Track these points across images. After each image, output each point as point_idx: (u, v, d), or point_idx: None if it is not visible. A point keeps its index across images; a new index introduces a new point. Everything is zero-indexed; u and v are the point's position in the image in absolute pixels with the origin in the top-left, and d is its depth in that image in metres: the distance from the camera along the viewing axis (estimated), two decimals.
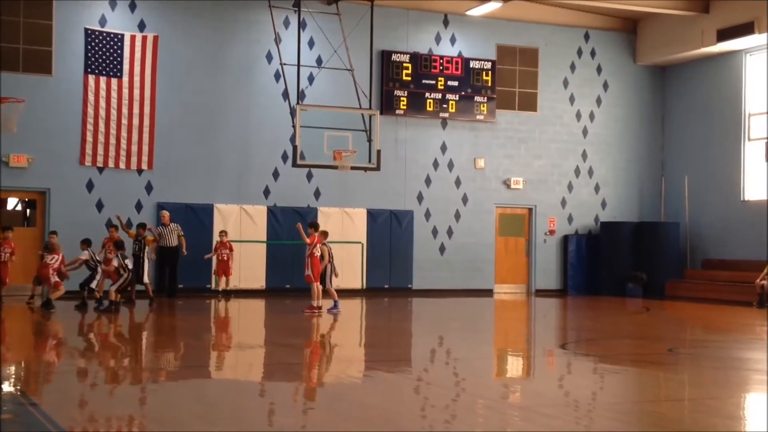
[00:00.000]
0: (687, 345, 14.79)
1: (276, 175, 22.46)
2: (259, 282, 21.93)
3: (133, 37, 21.15)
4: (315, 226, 17.80)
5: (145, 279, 18.94)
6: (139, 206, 21.28)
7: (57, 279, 17.50)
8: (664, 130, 26.40)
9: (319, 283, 17.50)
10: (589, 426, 7.95)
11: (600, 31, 25.74)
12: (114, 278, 17.56)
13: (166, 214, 20.46)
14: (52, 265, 17.52)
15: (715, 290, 22.77)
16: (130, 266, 17.83)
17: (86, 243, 18.22)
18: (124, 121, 21.06)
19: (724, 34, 23.16)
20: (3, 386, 9.62)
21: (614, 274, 24.70)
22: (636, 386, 10.52)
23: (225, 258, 20.61)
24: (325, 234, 17.94)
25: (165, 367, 11.53)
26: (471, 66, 24.00)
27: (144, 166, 21.31)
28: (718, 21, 23.35)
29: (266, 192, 22.41)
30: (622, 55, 25.98)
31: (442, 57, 23.76)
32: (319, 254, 17.45)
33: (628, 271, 24.59)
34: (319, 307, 17.44)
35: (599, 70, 25.79)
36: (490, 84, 24.14)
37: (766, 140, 22.81)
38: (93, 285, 17.82)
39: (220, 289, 20.63)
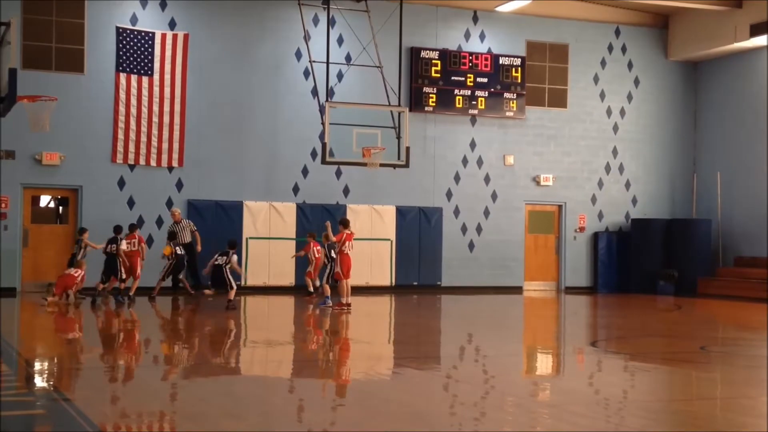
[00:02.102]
0: (719, 343, 14.65)
1: (305, 172, 22.52)
2: (288, 279, 21.99)
3: (163, 36, 21.30)
4: (344, 223, 17.85)
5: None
6: (169, 203, 21.42)
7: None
8: (696, 126, 26.14)
9: (348, 279, 17.56)
10: (620, 425, 7.89)
11: (631, 27, 25.53)
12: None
13: (177, 211, 20.52)
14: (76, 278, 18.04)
15: (748, 288, 22.53)
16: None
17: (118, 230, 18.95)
18: (155, 119, 21.21)
19: (757, 29, 22.88)
20: (36, 382, 9.74)
21: (645, 271, 24.52)
22: (667, 384, 10.44)
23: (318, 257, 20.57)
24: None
25: (195, 362, 11.60)
26: (500, 62, 23.90)
27: (174, 164, 21.45)
28: (751, 16, 23.08)
29: (295, 189, 22.47)
30: (654, 50, 25.76)
31: (471, 53, 23.69)
32: (348, 251, 17.50)
33: (659, 269, 24.40)
34: (348, 304, 17.47)
35: (630, 66, 25.59)
36: (519, 80, 24.04)
37: None
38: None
39: (312, 289, 20.36)
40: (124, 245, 18.51)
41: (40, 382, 9.77)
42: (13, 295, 19.56)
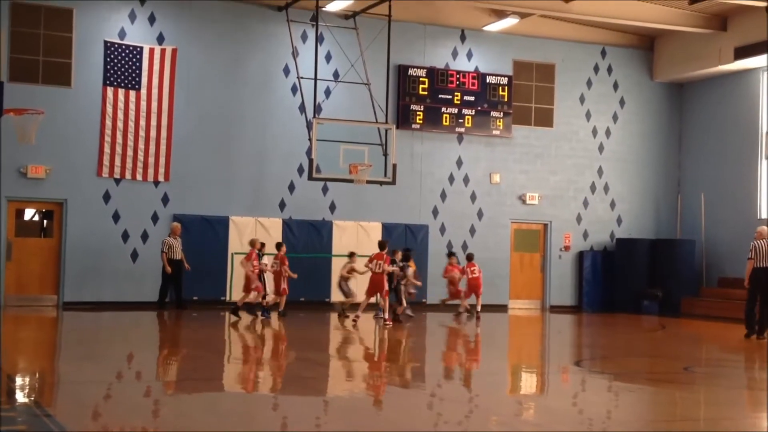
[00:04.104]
0: (703, 363, 14.70)
1: (291, 188, 22.52)
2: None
3: (151, 50, 21.30)
4: (379, 244, 18.93)
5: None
6: (155, 218, 21.38)
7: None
8: (680, 147, 26.31)
9: (373, 297, 18.81)
10: None
11: (617, 48, 25.72)
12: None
13: (179, 226, 20.51)
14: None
15: (731, 308, 22.56)
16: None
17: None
18: (142, 133, 21.18)
19: (741, 52, 23.09)
20: (17, 397, 9.67)
21: (629, 290, 24.59)
22: (651, 405, 10.46)
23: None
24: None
25: (180, 378, 11.55)
26: (487, 81, 24.02)
27: (161, 178, 21.41)
28: (735, 39, 23.29)
29: (281, 205, 22.46)
30: (639, 71, 25.94)
31: (458, 72, 23.80)
32: (377, 270, 18.29)
33: (644, 288, 24.48)
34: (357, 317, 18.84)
35: (616, 86, 25.77)
36: (506, 99, 24.15)
37: None
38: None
39: (462, 309, 21.12)
40: (266, 260, 19.03)
41: (21, 397, 9.69)
42: None
